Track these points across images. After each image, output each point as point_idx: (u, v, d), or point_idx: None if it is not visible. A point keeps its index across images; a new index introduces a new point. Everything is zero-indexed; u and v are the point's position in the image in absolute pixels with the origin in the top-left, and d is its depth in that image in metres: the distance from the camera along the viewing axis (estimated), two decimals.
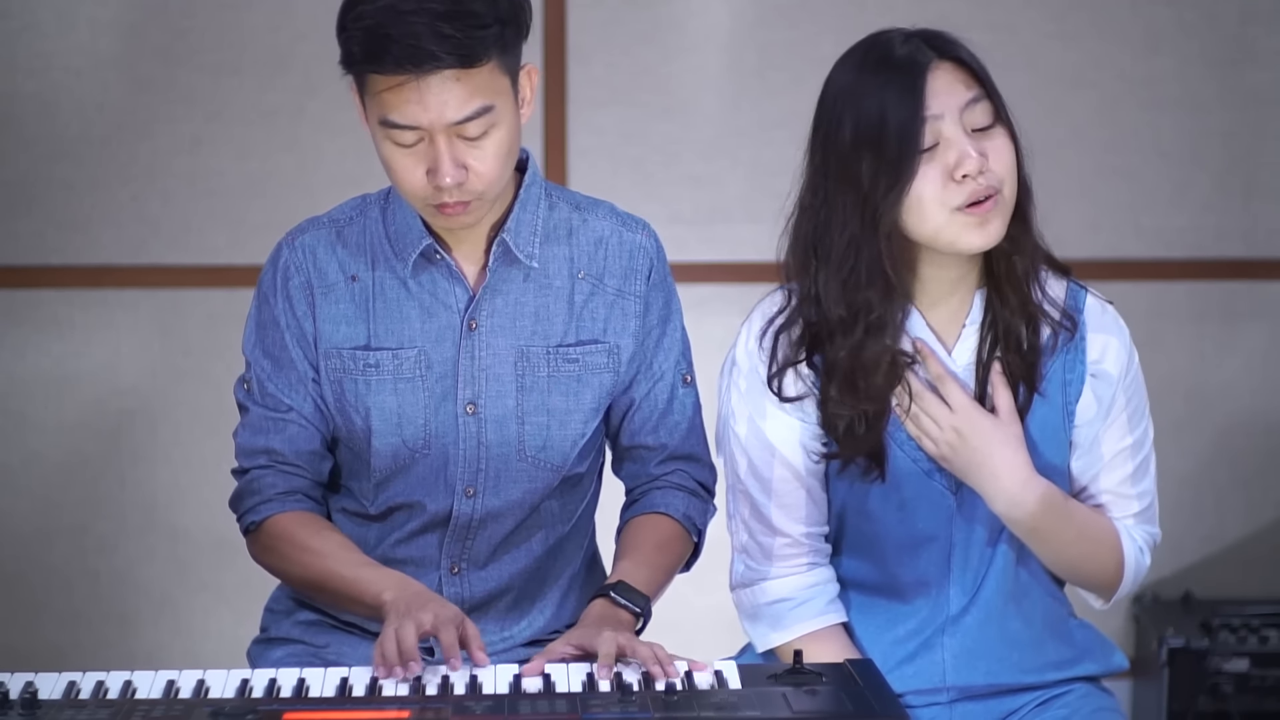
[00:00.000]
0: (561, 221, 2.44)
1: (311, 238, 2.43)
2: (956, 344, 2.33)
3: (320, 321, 2.41)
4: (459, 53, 2.20)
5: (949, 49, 2.26)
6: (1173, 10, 3.95)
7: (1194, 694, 3.80)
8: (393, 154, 2.27)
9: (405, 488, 2.43)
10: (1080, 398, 2.35)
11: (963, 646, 2.38)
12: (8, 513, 3.98)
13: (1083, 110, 3.93)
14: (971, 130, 2.23)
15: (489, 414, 2.41)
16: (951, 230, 2.24)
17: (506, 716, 1.96)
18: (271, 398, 2.42)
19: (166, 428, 3.96)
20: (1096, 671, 2.45)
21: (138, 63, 3.86)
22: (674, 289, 2.50)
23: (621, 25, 3.90)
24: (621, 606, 2.31)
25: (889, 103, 2.22)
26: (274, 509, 2.40)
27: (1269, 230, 4.02)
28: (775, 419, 2.34)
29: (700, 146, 3.94)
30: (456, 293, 2.40)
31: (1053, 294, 2.34)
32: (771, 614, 2.38)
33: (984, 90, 2.25)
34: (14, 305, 3.92)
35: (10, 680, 2.05)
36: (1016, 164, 2.26)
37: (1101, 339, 2.35)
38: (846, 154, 2.25)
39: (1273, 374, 4.07)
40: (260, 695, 2.07)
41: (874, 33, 2.31)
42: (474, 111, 2.24)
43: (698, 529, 2.50)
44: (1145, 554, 2.41)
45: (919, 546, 2.36)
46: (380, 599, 2.26)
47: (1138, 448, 2.39)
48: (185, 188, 3.90)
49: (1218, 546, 4.11)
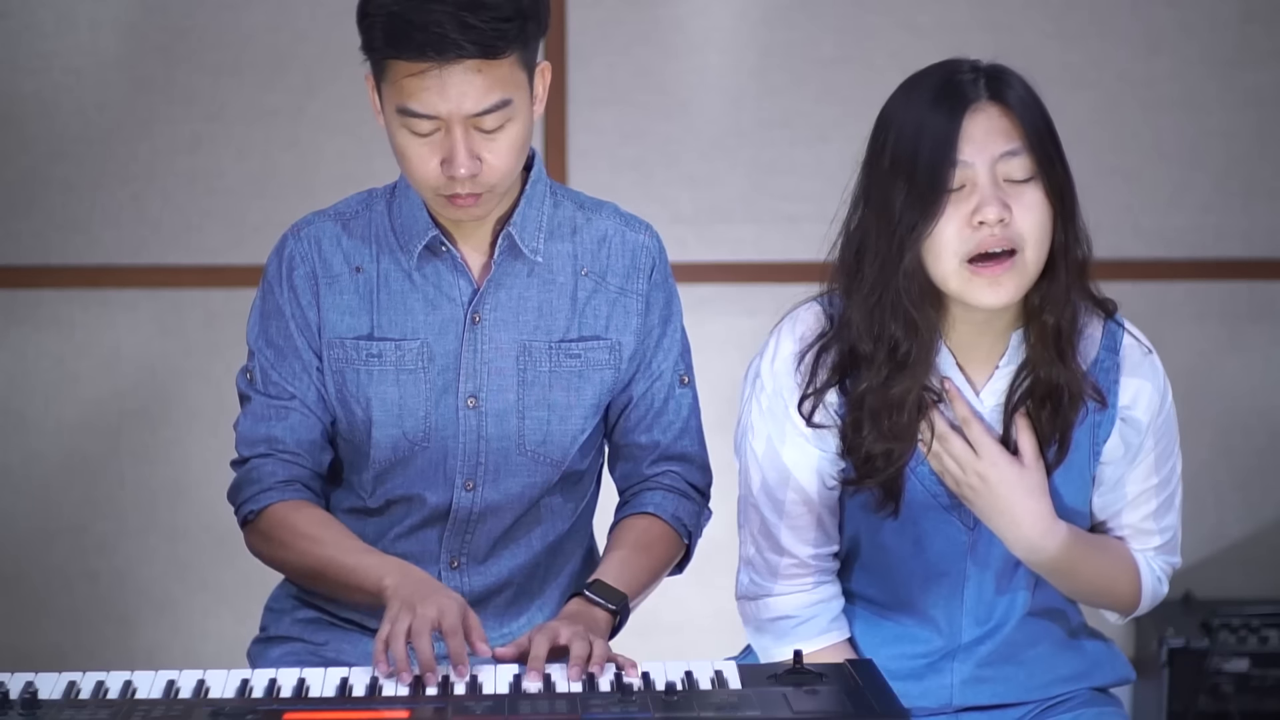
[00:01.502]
0: (566, 219, 2.44)
1: (317, 229, 2.44)
2: (986, 385, 2.28)
3: (324, 311, 2.41)
4: (482, 43, 2.21)
5: (1002, 92, 2.20)
6: (1173, 10, 3.95)
7: (1194, 694, 3.80)
8: (408, 142, 2.28)
9: (405, 480, 2.43)
10: (1108, 440, 2.31)
11: (972, 673, 2.36)
12: (8, 513, 3.98)
13: (1083, 110, 3.93)
14: (1004, 180, 2.18)
15: (490, 407, 2.41)
16: (960, 281, 2.18)
17: (506, 716, 1.96)
18: (275, 385, 2.43)
19: (166, 428, 3.97)
20: (1104, 683, 2.43)
21: (138, 63, 3.86)
22: (675, 290, 2.51)
23: (621, 25, 3.90)
24: (596, 605, 2.30)
25: (926, 137, 2.17)
26: (273, 497, 2.40)
27: (1269, 230, 4.02)
28: (794, 445, 2.31)
29: (700, 146, 3.94)
30: (461, 285, 2.40)
31: (1090, 334, 2.28)
32: (775, 630, 2.37)
33: (1026, 144, 2.18)
34: (14, 305, 3.92)
35: (10, 680, 2.05)
36: (1052, 223, 2.19)
37: (1135, 384, 2.30)
38: (885, 179, 2.20)
39: (1273, 374, 4.07)
40: (260, 695, 2.06)
41: (948, 59, 2.24)
42: (493, 104, 2.25)
43: (689, 530, 2.49)
44: (1164, 583, 2.39)
45: (932, 579, 2.33)
46: (381, 585, 2.24)
47: (1164, 486, 2.37)
48: (185, 188, 3.90)
49: (1218, 546, 4.11)
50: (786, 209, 3.91)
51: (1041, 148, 2.19)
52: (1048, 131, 2.21)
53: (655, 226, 2.51)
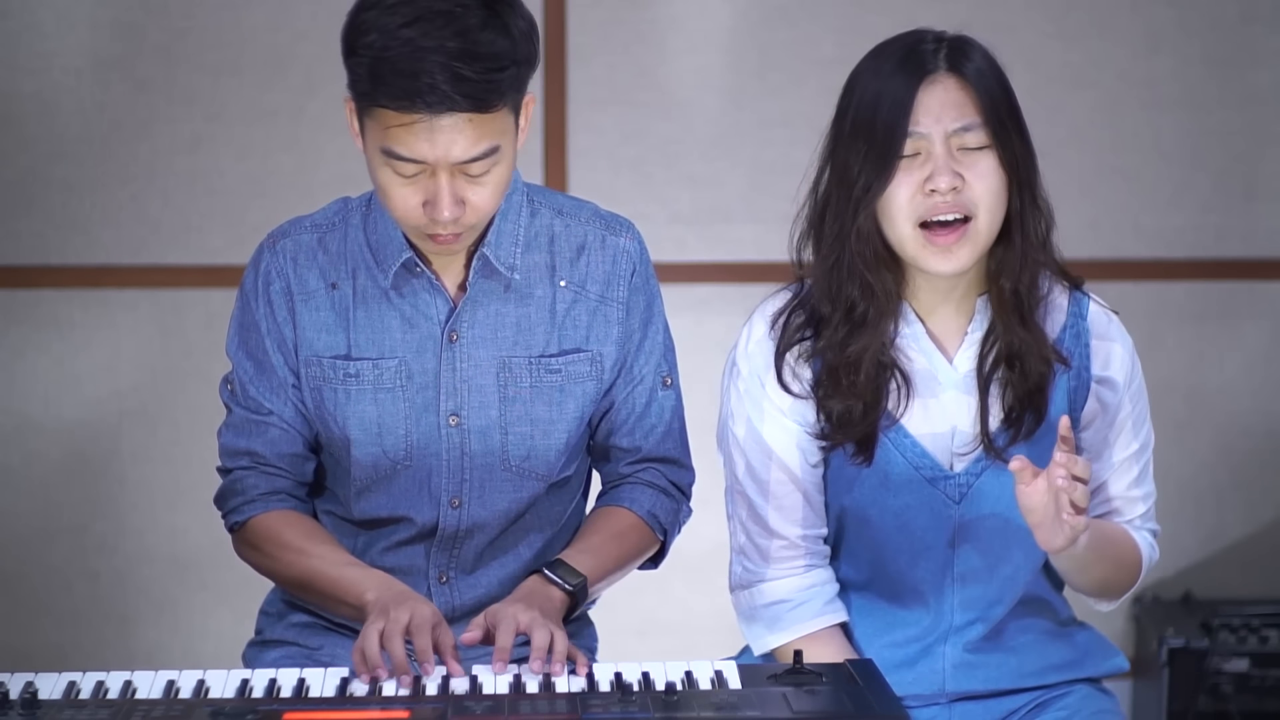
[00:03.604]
0: (543, 228, 2.42)
1: (293, 243, 2.42)
2: (958, 352, 2.33)
3: (300, 328, 2.40)
4: (475, 96, 2.17)
5: (961, 64, 2.25)
6: (1173, 10, 3.95)
7: (1194, 694, 3.80)
8: (390, 181, 2.24)
9: (389, 500, 2.43)
10: (1086, 404, 2.34)
11: (963, 657, 2.38)
12: (8, 513, 3.98)
13: (1083, 110, 3.93)
14: (958, 149, 2.23)
15: (472, 425, 2.40)
16: (914, 247, 2.24)
17: (506, 716, 1.96)
18: (253, 400, 2.42)
19: (166, 428, 3.96)
20: (1097, 673, 2.45)
21: (138, 63, 3.86)
22: (657, 291, 2.49)
23: (621, 25, 3.90)
24: (552, 583, 2.30)
25: (884, 103, 2.23)
26: (257, 509, 2.41)
27: (1269, 230, 4.02)
28: (773, 421, 2.34)
29: (700, 146, 3.94)
30: (437, 304, 2.38)
31: (1056, 303, 2.33)
32: (769, 615, 2.37)
33: (981, 117, 2.23)
34: (14, 305, 3.92)
35: (10, 680, 2.05)
36: (1007, 190, 2.25)
37: (1105, 346, 2.35)
38: (846, 141, 2.26)
39: (1273, 374, 4.07)
40: (260, 695, 2.06)
41: (914, 29, 2.30)
42: (481, 153, 2.22)
43: (663, 526, 2.48)
44: (1155, 549, 2.42)
45: (918, 555, 2.35)
46: (363, 599, 2.26)
47: (1142, 452, 2.39)
48: (185, 188, 3.90)
49: (1218, 546, 4.11)
50: (786, 209, 3.89)
51: (997, 120, 2.24)
52: (1005, 103, 2.26)
53: (655, 226, 2.51)
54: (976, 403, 2.32)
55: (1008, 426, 2.31)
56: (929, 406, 2.32)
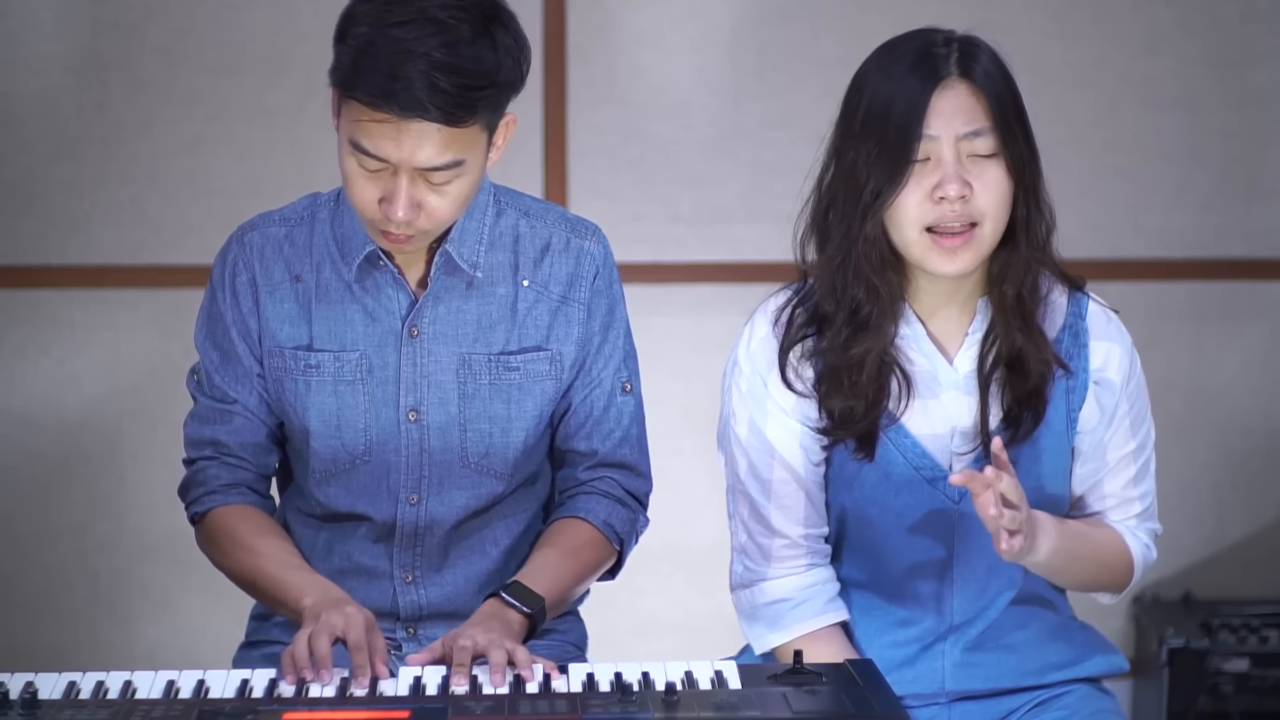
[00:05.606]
0: (508, 229, 2.42)
1: (260, 235, 2.44)
2: (958, 353, 2.33)
3: (264, 319, 2.41)
4: (448, 109, 2.18)
5: (971, 68, 2.25)
6: (1173, 10, 3.95)
7: (1194, 694, 3.80)
8: (353, 171, 2.27)
9: (348, 496, 2.43)
10: (1084, 405, 2.34)
11: (963, 656, 2.38)
12: (8, 513, 3.98)
13: (1083, 110, 3.93)
14: (968, 156, 2.23)
15: (431, 421, 2.40)
16: (920, 250, 2.25)
17: (506, 716, 1.97)
18: (218, 389, 2.44)
19: (166, 428, 3.96)
20: (1097, 673, 2.45)
21: (138, 63, 3.86)
22: (620, 296, 2.48)
23: (621, 25, 3.90)
24: (511, 607, 2.29)
25: (897, 105, 2.22)
26: (217, 500, 2.43)
27: (1269, 230, 4.02)
28: (776, 420, 2.34)
29: (700, 146, 3.94)
30: (399, 299, 2.39)
31: (1056, 303, 2.34)
32: (770, 614, 2.37)
33: (991, 123, 2.24)
34: (14, 305, 3.92)
35: (10, 680, 2.06)
36: (1012, 196, 2.25)
37: (1104, 346, 2.35)
38: (855, 140, 2.25)
39: (1273, 374, 4.07)
40: (260, 695, 2.07)
41: (922, 28, 2.30)
42: (445, 163, 2.23)
43: (620, 537, 2.47)
44: (1151, 549, 2.42)
45: (920, 555, 2.35)
46: (301, 604, 2.26)
47: (1140, 451, 2.39)
48: (185, 188, 3.90)
49: (1218, 546, 4.11)
50: (786, 209, 3.89)
51: (1005, 125, 2.25)
52: (1013, 106, 2.26)
53: (655, 226, 2.51)
54: (976, 403, 2.32)
55: (1006, 427, 2.31)
56: (929, 407, 2.33)
